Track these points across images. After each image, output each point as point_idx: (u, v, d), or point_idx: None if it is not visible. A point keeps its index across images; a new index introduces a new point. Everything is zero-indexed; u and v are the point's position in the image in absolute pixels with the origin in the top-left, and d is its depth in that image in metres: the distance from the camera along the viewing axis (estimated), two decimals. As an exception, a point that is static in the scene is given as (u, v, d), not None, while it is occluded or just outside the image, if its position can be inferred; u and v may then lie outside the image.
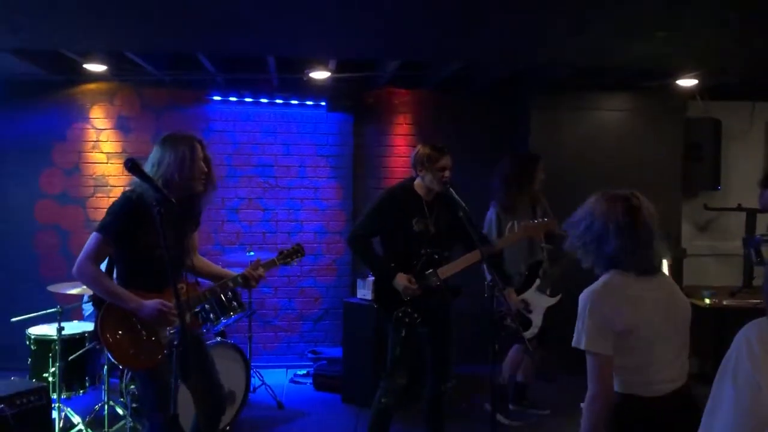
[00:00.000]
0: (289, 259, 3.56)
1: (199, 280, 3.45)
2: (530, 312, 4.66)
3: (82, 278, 3.04)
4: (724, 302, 5.52)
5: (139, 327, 3.06)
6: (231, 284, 3.36)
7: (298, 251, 3.59)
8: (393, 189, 4.06)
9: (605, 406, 2.29)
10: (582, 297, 2.37)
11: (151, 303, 3.00)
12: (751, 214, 6.10)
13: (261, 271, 3.38)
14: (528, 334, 4.64)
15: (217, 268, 3.54)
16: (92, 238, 3.01)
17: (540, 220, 4.25)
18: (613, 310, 2.30)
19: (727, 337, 1.41)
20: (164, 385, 2.96)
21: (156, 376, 3.05)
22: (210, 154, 3.24)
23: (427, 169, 3.81)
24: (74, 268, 3.01)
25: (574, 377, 5.20)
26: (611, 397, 2.30)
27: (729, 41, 4.22)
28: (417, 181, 3.91)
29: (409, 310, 3.76)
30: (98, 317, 3.05)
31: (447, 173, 3.80)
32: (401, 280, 3.75)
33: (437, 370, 4.00)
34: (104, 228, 3.01)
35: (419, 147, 3.91)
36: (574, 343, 2.34)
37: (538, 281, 4.73)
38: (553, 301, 4.75)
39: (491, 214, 4.81)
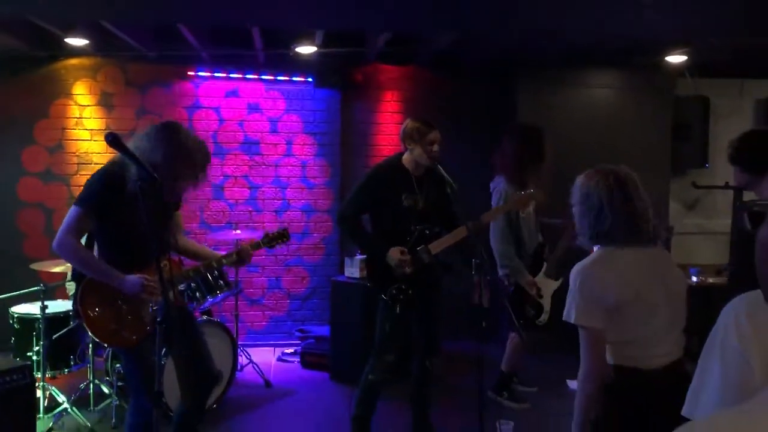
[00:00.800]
0: (273, 242, 3.56)
1: (183, 259, 3.42)
2: (541, 297, 4.64)
3: (62, 252, 2.96)
4: (710, 280, 5.55)
5: (119, 303, 3.02)
6: (225, 261, 3.33)
7: (283, 235, 3.59)
8: (380, 165, 4.03)
9: (599, 383, 2.29)
10: (573, 272, 2.38)
11: (134, 278, 2.95)
12: (739, 192, 6.10)
13: (250, 250, 3.40)
14: (541, 319, 4.63)
15: (204, 249, 3.52)
16: (71, 211, 2.96)
17: (528, 191, 4.17)
18: (604, 285, 2.31)
19: (713, 315, 1.39)
20: (149, 364, 2.93)
21: (140, 355, 3.02)
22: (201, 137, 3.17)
23: (416, 142, 3.78)
24: (54, 242, 2.95)
25: (564, 356, 5.24)
26: (605, 374, 2.31)
27: (720, 14, 4.19)
28: (405, 156, 3.87)
29: (404, 286, 3.74)
30: (77, 293, 3.01)
31: (436, 147, 3.77)
32: (394, 254, 3.71)
33: (425, 346, 3.99)
34: (83, 201, 2.95)
35: (408, 121, 3.88)
36: (564, 317, 2.36)
37: (545, 266, 4.70)
38: (557, 284, 4.72)
39: (501, 187, 4.63)
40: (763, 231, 0.76)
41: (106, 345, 3.62)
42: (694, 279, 5.51)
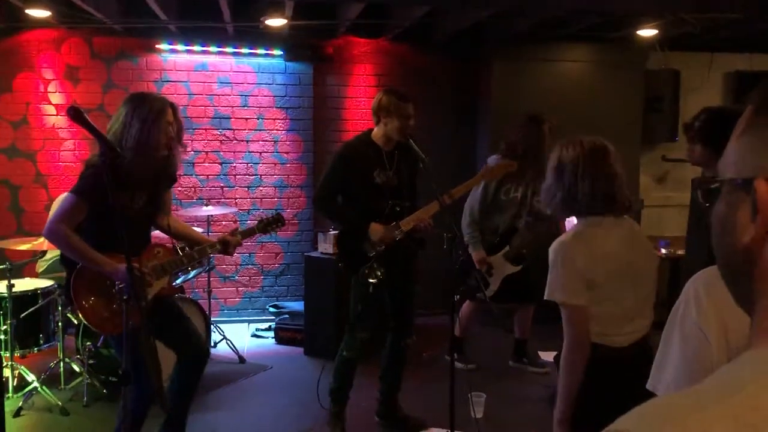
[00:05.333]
0: (269, 228, 3.52)
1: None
2: (491, 275, 4.68)
3: (53, 239, 2.93)
4: (679, 252, 5.62)
5: (112, 290, 2.97)
6: (209, 251, 3.31)
7: (278, 220, 3.55)
8: (350, 142, 3.97)
9: (584, 358, 2.27)
10: (554, 248, 2.32)
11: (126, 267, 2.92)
12: (707, 165, 6.18)
13: (239, 237, 3.37)
14: (481, 295, 4.66)
15: (195, 232, 3.53)
16: (67, 199, 2.92)
17: (502, 162, 4.13)
18: (587, 261, 2.26)
19: (681, 286, 1.40)
20: (142, 351, 2.92)
21: (131, 343, 3.00)
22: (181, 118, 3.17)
23: (392, 115, 3.71)
24: (45, 230, 2.92)
25: (537, 326, 5.29)
26: (588, 348, 2.28)
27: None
28: (376, 131, 3.81)
29: (375, 265, 3.71)
30: (69, 282, 2.99)
31: (412, 122, 3.74)
32: (377, 228, 3.68)
33: (398, 325, 3.99)
34: (80, 189, 2.92)
35: (382, 94, 3.80)
36: (546, 296, 2.29)
37: (507, 248, 4.72)
38: (515, 269, 4.75)
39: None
40: (717, 207, 0.75)
41: (100, 333, 3.62)
42: (663, 251, 5.59)
